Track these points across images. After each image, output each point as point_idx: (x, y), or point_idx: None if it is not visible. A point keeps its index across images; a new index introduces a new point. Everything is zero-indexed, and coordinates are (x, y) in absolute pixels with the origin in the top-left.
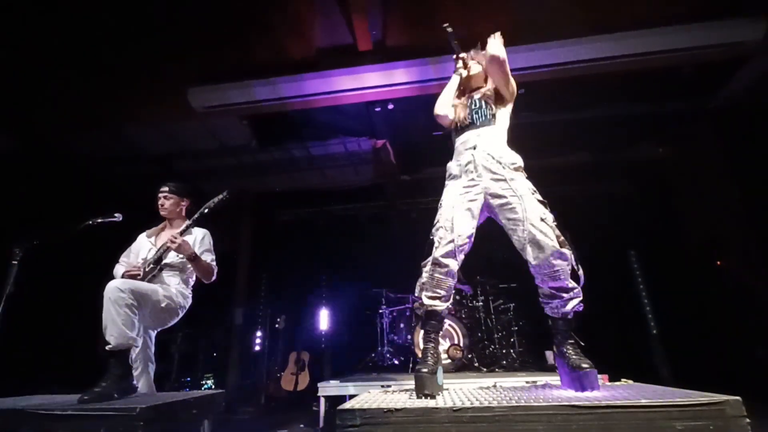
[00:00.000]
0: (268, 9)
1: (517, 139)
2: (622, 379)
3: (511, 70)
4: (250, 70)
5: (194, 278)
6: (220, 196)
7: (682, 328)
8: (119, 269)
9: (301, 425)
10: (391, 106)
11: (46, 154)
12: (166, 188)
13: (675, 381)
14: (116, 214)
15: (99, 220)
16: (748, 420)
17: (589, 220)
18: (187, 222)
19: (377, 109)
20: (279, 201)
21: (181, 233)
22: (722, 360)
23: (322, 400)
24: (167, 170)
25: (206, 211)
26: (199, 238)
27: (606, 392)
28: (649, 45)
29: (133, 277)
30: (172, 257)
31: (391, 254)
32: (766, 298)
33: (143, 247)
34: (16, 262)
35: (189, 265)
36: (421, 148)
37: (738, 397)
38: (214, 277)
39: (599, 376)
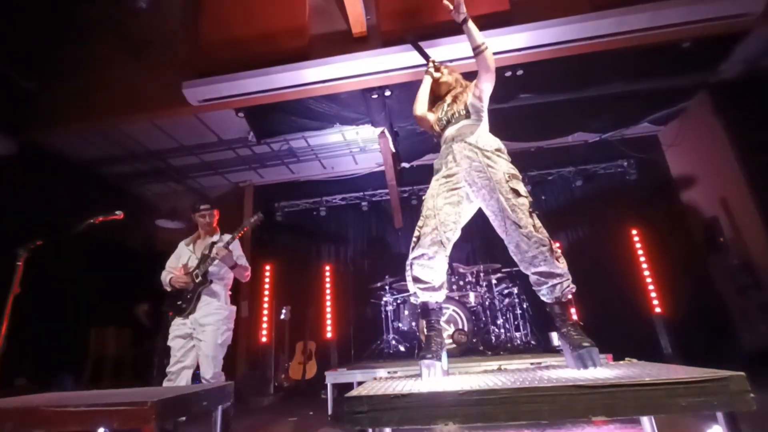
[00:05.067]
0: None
1: (517, 120)
2: (626, 358)
3: (510, 51)
4: (244, 62)
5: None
6: (254, 218)
7: (685, 306)
8: (166, 276)
9: (311, 413)
10: (388, 93)
11: (44, 155)
12: (207, 205)
13: (679, 359)
14: (117, 212)
15: (101, 218)
16: (752, 395)
17: (591, 200)
18: (229, 238)
19: (374, 96)
20: (279, 192)
21: (226, 245)
22: (726, 337)
23: (330, 388)
24: (165, 165)
25: (244, 230)
26: (228, 238)
27: (610, 371)
28: (648, 20)
29: (182, 286)
30: (214, 270)
31: (394, 241)
32: None
33: (183, 254)
34: (20, 263)
35: (229, 274)
36: (420, 135)
37: (742, 373)
38: (248, 278)
39: (603, 355)
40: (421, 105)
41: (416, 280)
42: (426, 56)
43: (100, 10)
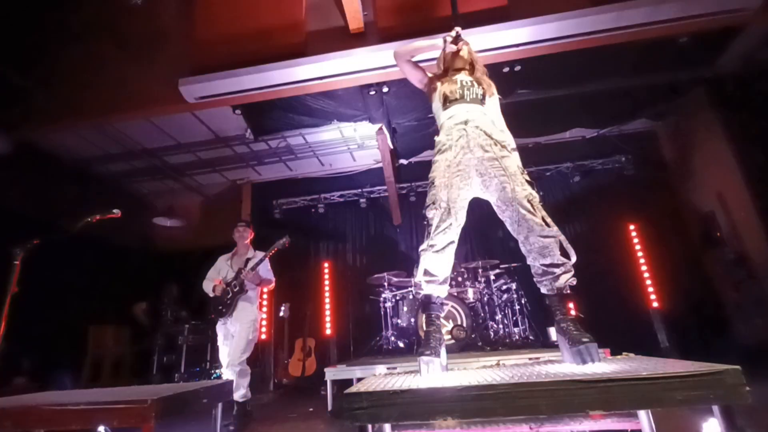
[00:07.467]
0: None
1: (514, 116)
2: (624, 353)
3: (507, 47)
4: (240, 59)
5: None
6: (283, 240)
7: (682, 300)
8: (208, 285)
9: (310, 409)
10: (386, 89)
11: (40, 153)
12: (244, 223)
13: (676, 353)
14: (115, 210)
15: (98, 217)
16: (748, 388)
17: (588, 195)
18: (259, 258)
19: (372, 93)
20: (277, 189)
21: (253, 268)
22: (722, 331)
23: (330, 385)
24: (162, 163)
25: (273, 251)
26: (259, 258)
27: (607, 366)
28: (646, 15)
29: (223, 291)
30: (247, 282)
31: (392, 238)
32: (766, 268)
33: (223, 267)
34: (17, 263)
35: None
36: (418, 131)
37: (737, 366)
38: (273, 287)
39: (601, 350)
40: (416, 50)
41: (426, 272)
42: (455, 16)
43: (95, 6)
